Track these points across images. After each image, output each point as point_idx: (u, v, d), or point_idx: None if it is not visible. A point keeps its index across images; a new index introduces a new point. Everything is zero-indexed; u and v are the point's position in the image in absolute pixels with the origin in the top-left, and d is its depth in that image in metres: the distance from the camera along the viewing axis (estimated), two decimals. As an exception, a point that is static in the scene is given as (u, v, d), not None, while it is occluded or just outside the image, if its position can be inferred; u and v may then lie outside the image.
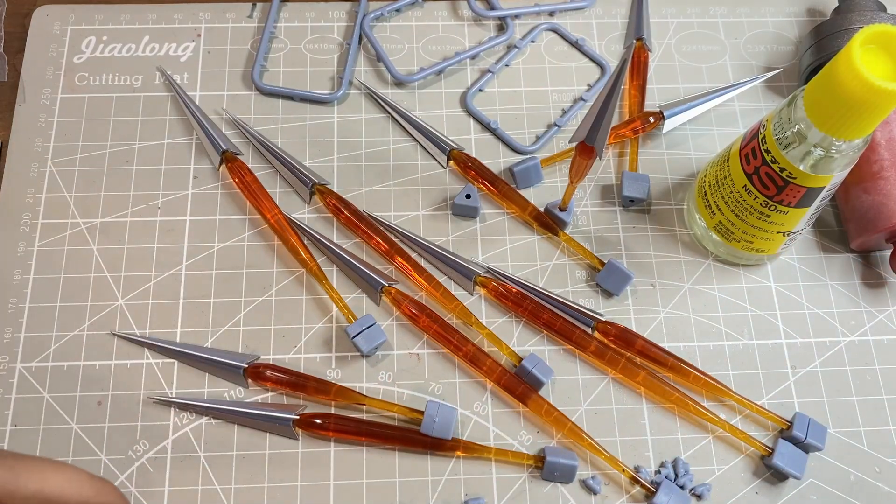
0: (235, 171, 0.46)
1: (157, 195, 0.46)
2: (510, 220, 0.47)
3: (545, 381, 0.41)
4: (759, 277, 0.46)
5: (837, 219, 0.47)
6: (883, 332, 0.45)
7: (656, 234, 0.47)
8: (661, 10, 0.53)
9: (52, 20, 0.51)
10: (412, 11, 0.53)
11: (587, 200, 0.47)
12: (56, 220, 0.45)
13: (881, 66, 0.32)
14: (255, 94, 0.49)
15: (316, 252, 0.45)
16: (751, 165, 0.40)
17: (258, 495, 0.40)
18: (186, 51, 0.51)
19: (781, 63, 0.52)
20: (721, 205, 0.43)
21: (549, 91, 0.51)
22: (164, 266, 0.45)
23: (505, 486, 0.40)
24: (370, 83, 0.50)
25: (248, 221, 0.46)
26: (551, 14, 0.53)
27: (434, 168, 0.48)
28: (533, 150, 0.48)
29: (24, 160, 0.47)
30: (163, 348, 0.42)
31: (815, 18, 0.53)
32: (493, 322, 0.44)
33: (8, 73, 0.50)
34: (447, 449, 0.40)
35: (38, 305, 0.43)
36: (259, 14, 0.52)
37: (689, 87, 0.51)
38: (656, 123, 0.48)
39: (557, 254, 0.46)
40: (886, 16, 0.47)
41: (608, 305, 0.45)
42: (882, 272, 0.46)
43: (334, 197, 0.46)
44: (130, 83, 0.49)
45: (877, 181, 0.43)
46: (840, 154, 0.36)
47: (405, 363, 0.43)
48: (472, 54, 0.51)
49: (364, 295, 0.44)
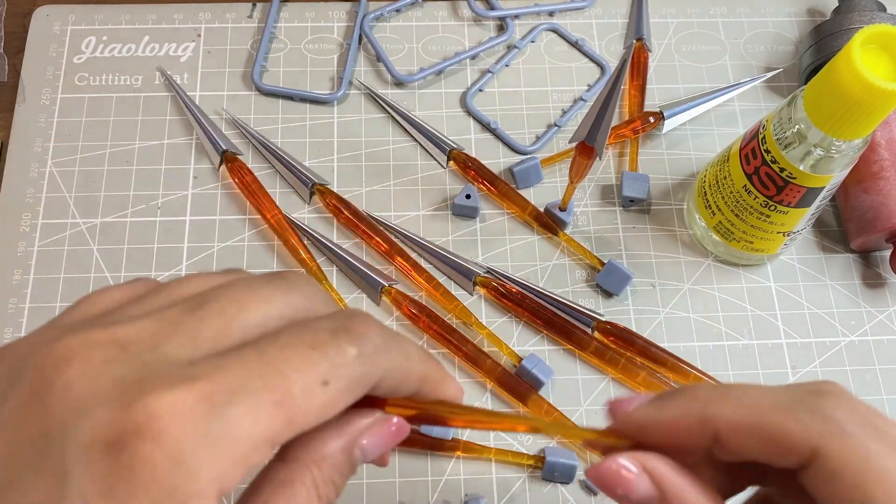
0: (235, 171, 0.46)
1: (157, 195, 0.46)
2: (510, 220, 0.47)
3: (545, 381, 0.41)
4: (759, 277, 0.46)
5: (837, 219, 0.47)
6: (883, 332, 0.45)
7: (656, 234, 0.47)
8: (661, 10, 0.53)
9: (52, 20, 0.51)
10: (412, 11, 0.53)
11: (587, 200, 0.47)
12: (56, 220, 0.45)
13: (881, 66, 0.32)
14: (255, 94, 0.49)
15: (316, 252, 0.45)
16: (751, 165, 0.40)
17: (258, 495, 0.40)
18: (186, 51, 0.51)
19: (781, 63, 0.52)
20: (721, 205, 0.43)
21: (549, 91, 0.51)
22: (164, 266, 0.45)
23: (505, 486, 0.40)
24: (370, 83, 0.50)
25: (248, 221, 0.46)
26: (551, 14, 0.53)
27: (434, 168, 0.48)
28: (533, 150, 0.48)
29: (24, 160, 0.47)
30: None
31: (815, 18, 0.53)
32: (493, 322, 0.44)
33: (8, 73, 0.50)
34: (447, 449, 0.40)
35: (38, 305, 0.43)
36: (259, 14, 0.52)
37: (689, 87, 0.51)
38: (656, 123, 0.48)
39: (557, 254, 0.46)
40: (886, 16, 0.47)
41: (608, 305, 0.45)
42: (882, 272, 0.46)
43: (334, 197, 0.46)
44: (130, 83, 0.49)
45: (877, 181, 0.43)
46: (840, 154, 0.36)
47: (405, 363, 0.43)
48: (472, 54, 0.51)
49: (364, 295, 0.44)
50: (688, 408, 0.23)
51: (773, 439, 0.22)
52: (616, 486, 0.23)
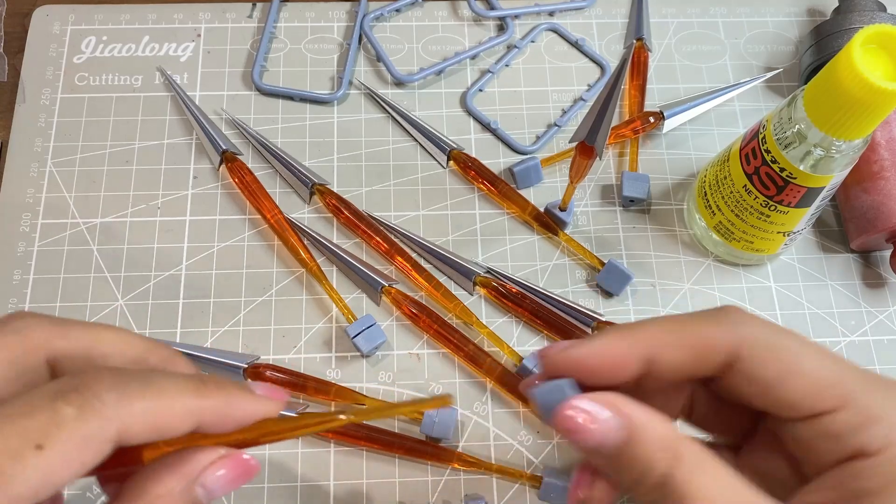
0: (235, 171, 0.46)
1: (157, 195, 0.46)
2: (510, 220, 0.47)
3: (545, 381, 0.41)
4: (759, 277, 0.46)
5: (837, 219, 0.47)
6: (883, 332, 0.45)
7: (656, 234, 0.47)
8: (661, 10, 0.53)
9: (52, 20, 0.51)
10: (412, 11, 0.53)
11: (587, 200, 0.47)
12: (56, 220, 0.45)
13: (881, 66, 0.32)
14: (255, 94, 0.49)
15: (316, 252, 0.45)
16: (751, 165, 0.40)
17: (258, 495, 0.40)
18: (186, 51, 0.51)
19: (781, 63, 0.52)
20: (721, 205, 0.43)
21: (549, 91, 0.51)
22: (164, 266, 0.45)
23: (505, 486, 0.40)
24: (370, 83, 0.50)
25: (248, 221, 0.46)
26: (551, 14, 0.53)
27: (434, 168, 0.48)
28: (533, 150, 0.48)
29: (24, 160, 0.47)
30: (163, 348, 0.42)
31: (815, 18, 0.53)
32: (493, 322, 0.44)
33: (8, 73, 0.50)
34: (444, 460, 0.40)
35: (38, 305, 0.43)
36: (259, 14, 0.52)
37: (689, 87, 0.51)
38: (656, 123, 0.48)
39: (557, 254, 0.46)
40: (886, 16, 0.47)
41: (608, 305, 0.45)
42: (882, 272, 0.46)
43: (334, 197, 0.46)
44: (130, 83, 0.49)
45: (877, 181, 0.43)
46: (840, 154, 0.36)
47: (405, 363, 0.43)
48: (472, 54, 0.51)
49: (364, 295, 0.44)
50: (618, 335, 0.25)
51: (700, 345, 0.25)
52: (582, 432, 0.24)
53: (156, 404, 0.21)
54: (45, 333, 0.23)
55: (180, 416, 0.22)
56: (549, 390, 0.25)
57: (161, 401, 0.21)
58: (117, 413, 0.20)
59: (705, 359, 0.25)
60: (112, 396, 0.20)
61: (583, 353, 0.25)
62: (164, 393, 0.21)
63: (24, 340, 0.23)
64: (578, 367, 0.25)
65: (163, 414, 0.21)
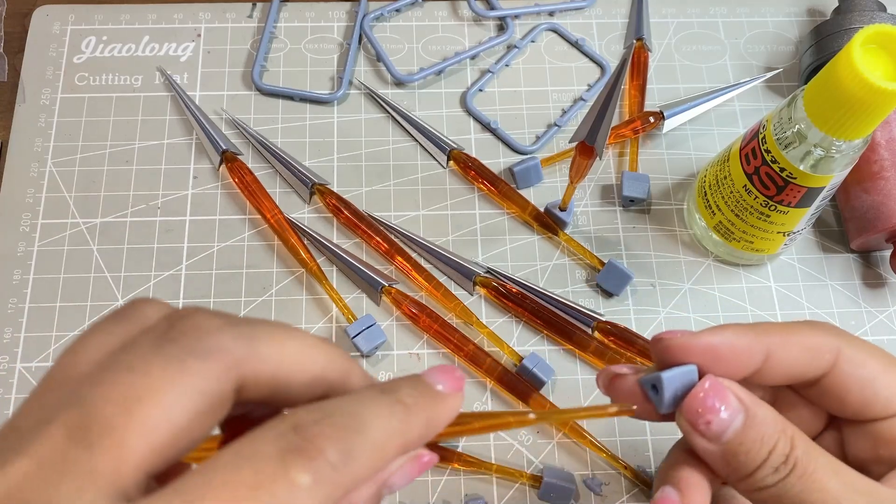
0: (235, 171, 0.46)
1: (157, 195, 0.46)
2: (510, 220, 0.47)
3: (546, 381, 0.41)
4: (759, 277, 0.46)
5: (837, 219, 0.47)
6: (883, 332, 0.45)
7: (656, 234, 0.47)
8: (661, 10, 0.53)
9: (52, 20, 0.51)
10: (412, 11, 0.53)
11: (587, 200, 0.47)
12: (56, 220, 0.45)
13: (881, 66, 0.32)
14: (255, 94, 0.49)
15: (316, 252, 0.45)
16: (751, 165, 0.40)
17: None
18: (186, 51, 0.51)
19: (781, 63, 0.52)
20: (721, 205, 0.43)
21: (549, 91, 0.51)
22: (164, 266, 0.45)
23: (505, 486, 0.40)
24: (370, 83, 0.50)
25: (248, 221, 0.46)
26: (551, 14, 0.53)
27: (434, 168, 0.48)
28: (533, 150, 0.48)
29: (24, 160, 0.47)
30: (163, 348, 0.42)
31: (815, 18, 0.53)
32: (493, 322, 0.44)
33: (8, 73, 0.50)
34: (444, 460, 0.40)
35: (38, 305, 0.43)
36: (259, 14, 0.52)
37: (689, 87, 0.51)
38: (656, 123, 0.48)
39: (557, 254, 0.46)
40: (886, 16, 0.47)
41: (608, 305, 0.45)
42: (882, 272, 0.46)
43: (334, 197, 0.46)
44: (130, 83, 0.49)
45: (877, 181, 0.43)
46: (840, 154, 0.36)
47: (405, 363, 0.43)
48: (472, 54, 0.51)
49: (364, 295, 0.44)
50: (740, 328, 0.26)
51: (815, 347, 0.26)
52: (707, 415, 0.24)
53: (377, 457, 0.20)
54: (236, 354, 0.20)
55: (393, 457, 0.21)
56: (679, 375, 0.25)
57: (382, 453, 0.21)
58: (350, 480, 0.19)
59: (819, 360, 0.26)
60: (339, 459, 0.19)
61: (716, 341, 0.25)
62: (383, 450, 0.21)
63: (216, 365, 0.20)
64: (708, 354, 0.25)
65: (382, 464, 0.21)
